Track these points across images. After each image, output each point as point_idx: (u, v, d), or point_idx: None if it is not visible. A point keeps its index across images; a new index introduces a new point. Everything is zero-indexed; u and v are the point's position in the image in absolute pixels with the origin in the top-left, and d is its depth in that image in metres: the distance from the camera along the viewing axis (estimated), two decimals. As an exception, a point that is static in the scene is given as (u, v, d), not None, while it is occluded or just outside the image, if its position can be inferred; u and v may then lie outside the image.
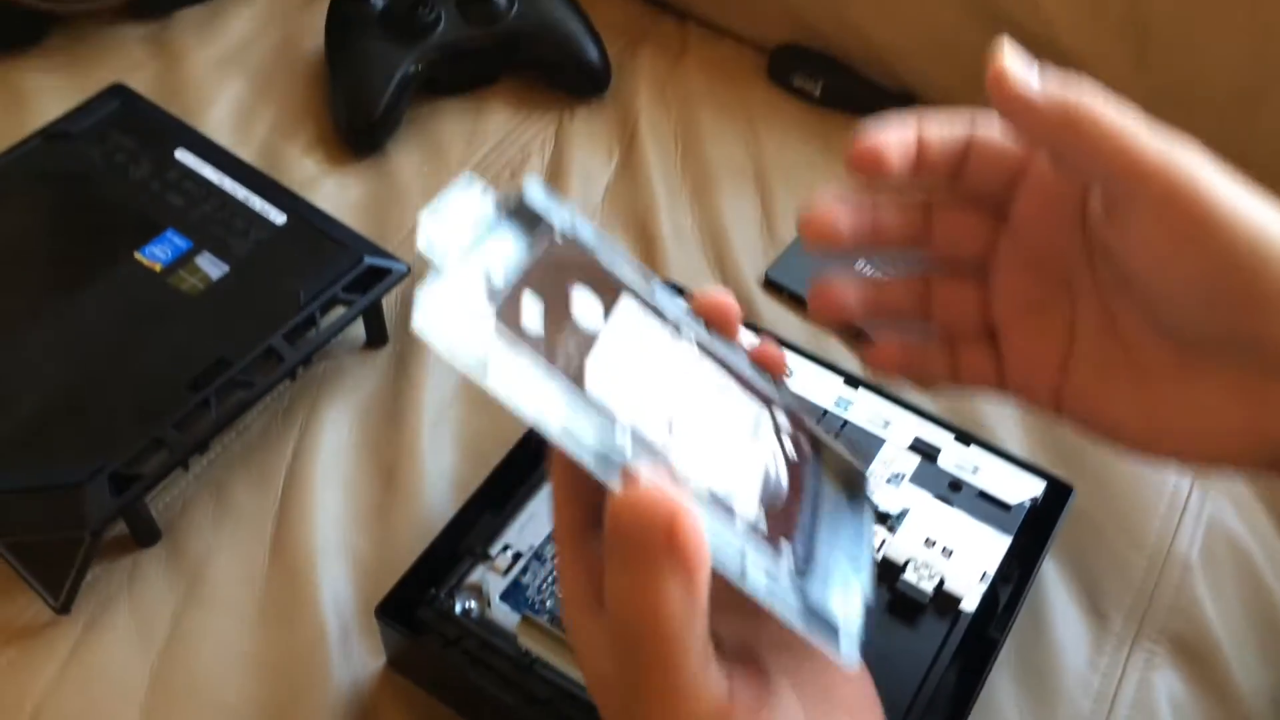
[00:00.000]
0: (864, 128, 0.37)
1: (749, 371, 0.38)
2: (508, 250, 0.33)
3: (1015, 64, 0.34)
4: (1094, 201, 0.37)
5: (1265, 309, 0.33)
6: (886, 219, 0.39)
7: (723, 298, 0.37)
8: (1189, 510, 0.54)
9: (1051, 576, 0.51)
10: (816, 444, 0.39)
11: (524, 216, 0.35)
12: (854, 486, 0.39)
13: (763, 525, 0.33)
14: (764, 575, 0.31)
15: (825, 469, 0.39)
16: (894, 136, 0.37)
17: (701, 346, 0.37)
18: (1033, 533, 0.49)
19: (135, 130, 0.60)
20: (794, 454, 0.37)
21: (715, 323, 0.37)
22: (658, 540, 0.28)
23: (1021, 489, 0.50)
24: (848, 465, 0.39)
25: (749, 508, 0.33)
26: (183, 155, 0.59)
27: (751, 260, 0.63)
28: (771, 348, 0.38)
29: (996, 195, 0.38)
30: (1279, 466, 0.36)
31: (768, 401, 0.38)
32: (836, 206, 0.38)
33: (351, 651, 0.48)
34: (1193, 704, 0.49)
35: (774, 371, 0.38)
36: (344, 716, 0.46)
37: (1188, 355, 0.35)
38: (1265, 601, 0.51)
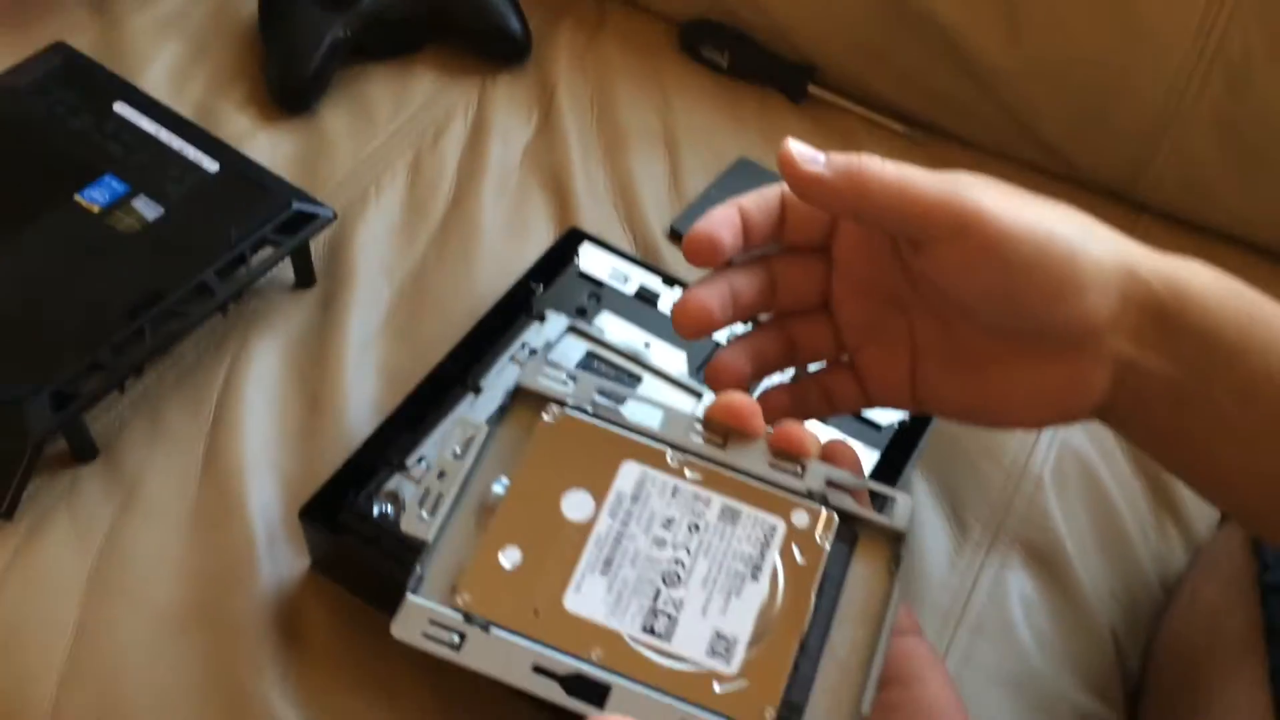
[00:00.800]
0: (693, 228, 0.41)
1: (770, 471, 0.38)
2: (492, 471, 0.38)
3: (801, 150, 0.39)
4: (899, 238, 0.42)
5: (1059, 300, 0.38)
6: (740, 285, 0.42)
7: (738, 401, 0.38)
8: (1044, 433, 0.59)
9: (921, 491, 0.57)
10: (849, 518, 0.38)
11: (523, 404, 0.39)
12: (893, 549, 0.38)
13: (750, 685, 0.34)
14: None
15: (858, 547, 0.38)
16: (719, 220, 0.41)
17: (710, 473, 0.38)
18: (900, 449, 0.54)
19: (76, 85, 0.64)
20: (813, 558, 0.37)
21: (735, 427, 0.39)
22: None
23: (891, 412, 0.55)
24: (885, 528, 0.38)
25: (735, 668, 0.34)
26: (121, 108, 0.63)
27: (659, 214, 0.68)
28: (793, 430, 0.39)
29: (819, 241, 0.43)
30: (1103, 415, 0.41)
31: (788, 502, 0.38)
32: (701, 294, 0.42)
33: (278, 556, 0.52)
34: (1040, 600, 0.54)
35: (799, 454, 0.38)
36: (271, 614, 0.50)
37: (1011, 344, 0.40)
38: (1108, 512, 0.57)
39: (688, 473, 0.38)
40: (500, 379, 0.55)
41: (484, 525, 0.37)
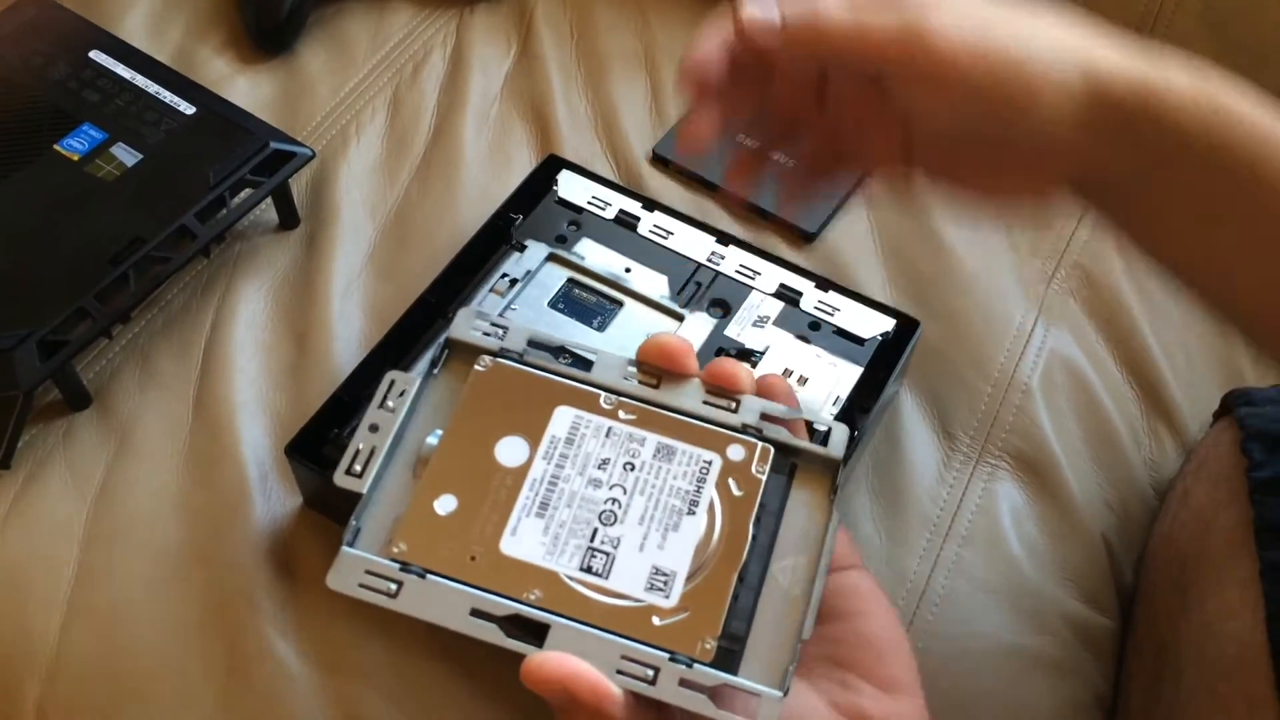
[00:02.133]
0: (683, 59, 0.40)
1: (704, 408, 0.39)
2: (428, 424, 0.38)
3: (755, 18, 0.39)
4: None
5: (1021, 108, 0.38)
6: (734, 97, 0.41)
7: (668, 342, 0.39)
8: (1031, 342, 0.59)
9: (908, 406, 0.57)
10: (786, 450, 0.39)
11: (456, 356, 0.40)
12: (830, 478, 0.38)
13: (687, 618, 0.35)
14: (676, 681, 0.33)
15: (796, 477, 0.39)
16: (710, 44, 0.40)
17: (645, 413, 0.38)
18: (884, 363, 0.54)
19: (51, 34, 0.64)
20: (750, 490, 0.37)
21: (666, 367, 0.39)
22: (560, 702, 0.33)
23: (873, 325, 0.55)
24: (822, 457, 0.39)
25: (673, 601, 0.35)
26: (97, 56, 0.63)
27: (640, 139, 0.67)
28: (725, 366, 0.39)
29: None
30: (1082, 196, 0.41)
31: (724, 437, 0.38)
32: (699, 118, 0.41)
33: (271, 493, 0.53)
34: (1030, 509, 0.55)
35: (732, 390, 0.39)
36: (265, 551, 0.51)
37: (982, 151, 0.40)
38: (1100, 420, 0.57)
39: (621, 414, 0.38)
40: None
41: (420, 476, 0.37)
